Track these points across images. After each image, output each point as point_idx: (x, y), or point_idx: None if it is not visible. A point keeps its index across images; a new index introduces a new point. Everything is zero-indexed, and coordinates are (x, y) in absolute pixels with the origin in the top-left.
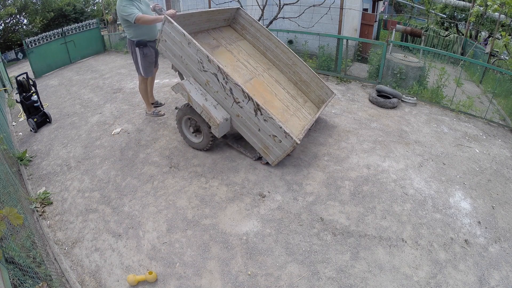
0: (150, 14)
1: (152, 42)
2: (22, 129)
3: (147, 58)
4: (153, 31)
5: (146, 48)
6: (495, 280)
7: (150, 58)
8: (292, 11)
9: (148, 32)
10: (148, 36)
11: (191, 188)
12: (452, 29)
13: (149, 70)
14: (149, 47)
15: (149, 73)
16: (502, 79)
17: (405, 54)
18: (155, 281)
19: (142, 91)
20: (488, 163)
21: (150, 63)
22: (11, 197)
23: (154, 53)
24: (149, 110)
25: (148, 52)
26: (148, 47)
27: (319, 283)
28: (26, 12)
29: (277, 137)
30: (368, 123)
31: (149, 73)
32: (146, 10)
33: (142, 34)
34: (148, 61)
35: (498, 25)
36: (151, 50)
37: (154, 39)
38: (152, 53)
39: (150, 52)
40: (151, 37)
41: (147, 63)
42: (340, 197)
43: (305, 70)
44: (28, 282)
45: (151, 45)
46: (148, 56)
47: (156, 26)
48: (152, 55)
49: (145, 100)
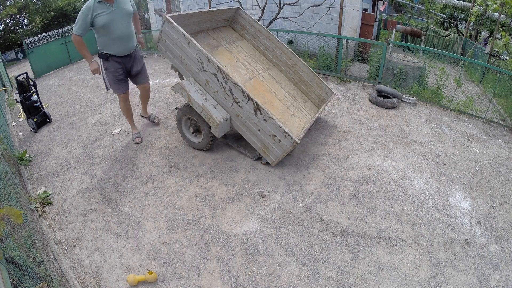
0: (124, 22)
1: (118, 57)
2: (22, 129)
3: (110, 73)
4: (118, 45)
5: (108, 62)
6: (495, 280)
7: (115, 74)
8: (292, 11)
9: (111, 46)
10: (111, 50)
11: (191, 188)
12: (452, 29)
13: (117, 87)
14: (113, 61)
15: (119, 90)
16: (502, 79)
17: (405, 54)
18: (155, 281)
19: (123, 110)
20: (488, 163)
21: (118, 80)
22: (11, 197)
23: (122, 70)
24: (133, 130)
25: (111, 67)
26: (111, 61)
27: (319, 283)
28: (26, 12)
29: (277, 137)
30: (368, 123)
31: (118, 89)
32: (120, 18)
33: (104, 46)
34: (113, 76)
35: (498, 25)
36: (116, 66)
37: (122, 54)
38: (118, 69)
39: (113, 67)
40: (117, 51)
41: (113, 78)
42: (340, 197)
43: (305, 70)
44: (28, 282)
45: (116, 60)
46: (110, 71)
47: (128, 41)
48: (117, 71)
49: (128, 120)
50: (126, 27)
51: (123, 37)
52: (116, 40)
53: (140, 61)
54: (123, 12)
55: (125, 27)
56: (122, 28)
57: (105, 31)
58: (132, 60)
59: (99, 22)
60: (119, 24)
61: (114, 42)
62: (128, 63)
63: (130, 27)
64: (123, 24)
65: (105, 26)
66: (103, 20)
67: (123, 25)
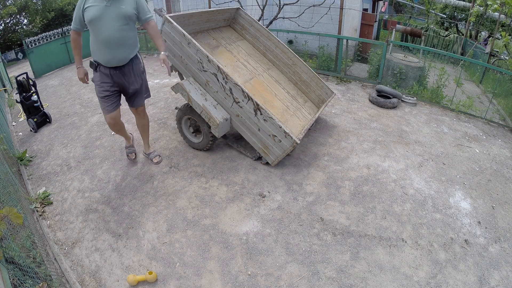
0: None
1: (106, 68)
2: (22, 129)
3: (96, 86)
4: (104, 51)
5: (96, 72)
6: (495, 280)
7: (99, 88)
8: (292, 11)
9: (96, 51)
10: (98, 56)
11: (191, 188)
12: (452, 29)
13: (101, 105)
14: (100, 72)
15: (103, 109)
16: (502, 79)
17: (405, 54)
18: (155, 281)
19: (112, 129)
20: (488, 163)
21: (103, 97)
22: (11, 197)
23: (110, 84)
24: (127, 142)
25: (96, 79)
26: (98, 71)
27: (319, 283)
28: (26, 12)
29: (277, 137)
30: (368, 123)
31: (102, 108)
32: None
33: (92, 50)
34: (98, 90)
35: (498, 25)
36: (102, 78)
37: (108, 64)
38: (103, 83)
39: (99, 79)
40: (103, 59)
41: (97, 92)
42: (340, 197)
43: (305, 70)
44: (28, 282)
45: (103, 71)
46: (96, 83)
47: (118, 48)
48: (101, 86)
49: (120, 134)
50: (118, 31)
51: (110, 42)
52: (102, 44)
53: (138, 78)
54: (118, 11)
55: (115, 29)
56: (110, 30)
57: (92, 29)
58: (126, 76)
59: (87, 16)
60: (108, 25)
61: (99, 47)
62: (119, 77)
63: (123, 32)
64: (114, 26)
65: (92, 22)
66: (90, 14)
67: (113, 26)
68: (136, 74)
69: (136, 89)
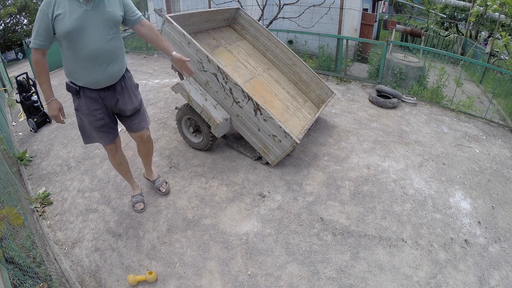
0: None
1: (94, 91)
2: (22, 129)
3: (85, 117)
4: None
5: (79, 99)
6: (495, 280)
7: (91, 118)
8: (292, 11)
9: (79, 71)
10: (81, 78)
11: (191, 188)
12: (452, 29)
13: (99, 136)
14: (87, 98)
15: (101, 139)
16: (502, 79)
17: (405, 54)
18: (155, 281)
19: (114, 165)
20: (488, 163)
21: (98, 128)
22: (11, 197)
23: (102, 110)
24: (132, 191)
25: (83, 107)
26: (83, 98)
27: (319, 283)
28: (26, 12)
29: (277, 137)
30: (368, 123)
31: (100, 139)
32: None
33: (71, 71)
34: (89, 121)
35: (498, 25)
36: (92, 105)
37: (98, 86)
38: (95, 110)
39: (87, 107)
40: (89, 81)
41: (89, 124)
42: (340, 197)
43: (305, 70)
44: (28, 282)
45: (91, 96)
46: (84, 113)
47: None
48: (93, 114)
49: (124, 177)
50: (107, 42)
51: (99, 58)
52: (87, 61)
53: (133, 94)
54: (104, 16)
55: (105, 40)
56: (98, 42)
57: (70, 44)
58: (119, 95)
59: (61, 26)
60: (94, 35)
61: (83, 65)
62: (111, 99)
63: (114, 42)
64: (102, 36)
65: (69, 35)
66: (67, 23)
67: (101, 36)
68: (131, 90)
69: (135, 108)
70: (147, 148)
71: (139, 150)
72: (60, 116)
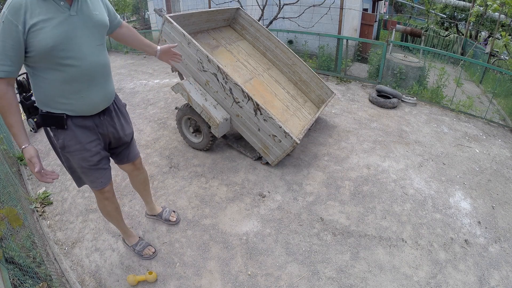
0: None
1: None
2: None
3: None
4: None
5: (66, 132)
6: (495, 280)
7: (85, 154)
8: (292, 11)
9: (69, 95)
10: (71, 104)
11: (191, 188)
12: (452, 29)
13: (95, 176)
14: (78, 129)
15: (95, 182)
16: (502, 79)
17: (405, 54)
18: (155, 281)
19: (105, 214)
20: (488, 163)
21: (93, 166)
22: (11, 197)
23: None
24: (129, 241)
25: (73, 143)
26: (72, 130)
27: (319, 283)
28: None
29: (277, 137)
30: (368, 123)
31: (94, 182)
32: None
33: (51, 97)
34: (82, 158)
35: (498, 25)
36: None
37: (94, 111)
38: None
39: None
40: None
41: (79, 163)
42: (340, 197)
43: (305, 70)
44: (28, 282)
45: (84, 125)
46: (73, 151)
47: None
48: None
49: (117, 225)
50: (99, 53)
51: (96, 75)
52: (81, 81)
53: (127, 116)
54: (92, 22)
55: (96, 52)
56: (91, 55)
57: (53, 63)
58: (114, 118)
59: (41, 42)
60: (86, 47)
61: (77, 87)
62: (107, 125)
63: (104, 53)
64: (93, 47)
65: (55, 51)
66: (50, 36)
67: (93, 48)
68: (124, 111)
69: (132, 133)
70: (143, 175)
71: (134, 182)
72: (37, 164)
